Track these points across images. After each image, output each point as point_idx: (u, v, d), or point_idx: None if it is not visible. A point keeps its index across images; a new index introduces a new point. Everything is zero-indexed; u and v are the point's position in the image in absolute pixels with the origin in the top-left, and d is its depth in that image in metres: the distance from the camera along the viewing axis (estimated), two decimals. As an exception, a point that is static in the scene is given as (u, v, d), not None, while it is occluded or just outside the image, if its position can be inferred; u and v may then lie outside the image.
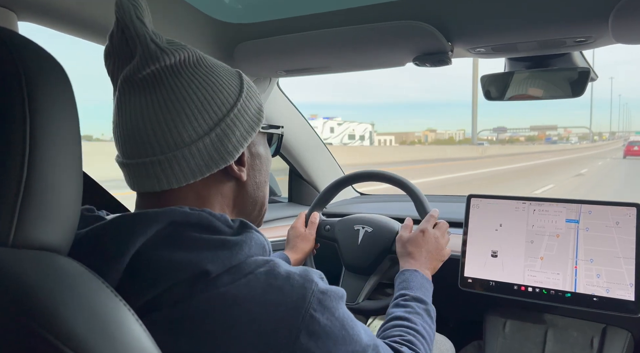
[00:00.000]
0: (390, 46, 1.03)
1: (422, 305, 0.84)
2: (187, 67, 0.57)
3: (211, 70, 0.59)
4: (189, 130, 0.56)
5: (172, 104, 0.56)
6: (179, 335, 0.48)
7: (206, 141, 0.57)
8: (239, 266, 0.53)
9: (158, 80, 0.56)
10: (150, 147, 0.56)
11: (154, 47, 0.55)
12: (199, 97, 0.57)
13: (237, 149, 0.60)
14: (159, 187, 0.57)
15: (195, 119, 0.56)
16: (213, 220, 0.55)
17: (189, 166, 0.57)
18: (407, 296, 0.85)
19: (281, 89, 1.48)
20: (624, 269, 1.01)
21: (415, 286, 0.89)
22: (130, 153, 0.57)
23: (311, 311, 0.52)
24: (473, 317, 1.35)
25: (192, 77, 0.57)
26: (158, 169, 0.56)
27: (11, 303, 0.37)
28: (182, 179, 0.57)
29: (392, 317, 0.80)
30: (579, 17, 0.85)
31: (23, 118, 0.41)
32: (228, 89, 0.60)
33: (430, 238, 1.02)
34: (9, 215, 0.40)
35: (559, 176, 14.65)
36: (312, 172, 1.71)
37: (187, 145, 0.56)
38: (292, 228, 1.24)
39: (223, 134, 0.58)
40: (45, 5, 0.81)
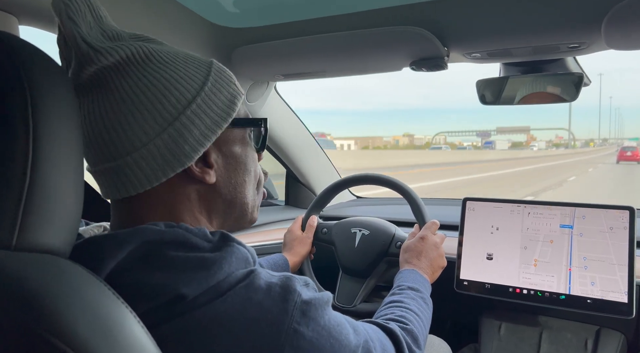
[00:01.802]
0: (387, 51, 1.04)
1: (418, 293, 0.83)
2: (133, 64, 0.52)
3: (164, 65, 0.54)
4: (139, 133, 0.52)
5: (119, 107, 0.51)
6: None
7: (158, 143, 0.52)
8: (218, 285, 0.49)
9: (102, 82, 0.52)
10: (102, 153, 0.53)
11: (85, 47, 0.51)
12: (147, 96, 0.52)
13: (196, 150, 0.54)
14: (119, 194, 0.54)
15: (145, 121, 0.52)
16: (190, 237, 0.52)
17: (142, 171, 0.53)
18: (402, 286, 0.85)
19: (279, 93, 1.49)
20: (618, 276, 1.02)
21: (411, 280, 0.89)
22: (90, 159, 0.55)
23: (294, 325, 0.50)
24: (469, 319, 1.35)
25: (140, 74, 0.52)
26: (114, 176, 0.53)
27: (15, 306, 0.37)
28: (139, 185, 0.53)
29: (386, 302, 0.80)
30: (572, 23, 0.86)
31: (26, 123, 0.42)
32: (185, 84, 0.54)
33: (430, 245, 1.02)
34: (12, 219, 0.41)
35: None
36: (309, 175, 1.71)
37: (137, 149, 0.52)
38: (289, 231, 1.25)
39: (177, 134, 0.53)
40: (46, 9, 0.81)
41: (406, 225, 1.36)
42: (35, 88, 0.43)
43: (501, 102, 1.13)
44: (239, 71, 1.22)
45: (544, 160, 33.17)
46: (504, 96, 1.12)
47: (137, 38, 0.56)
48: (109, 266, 0.48)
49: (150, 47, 0.54)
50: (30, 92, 0.42)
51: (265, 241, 1.42)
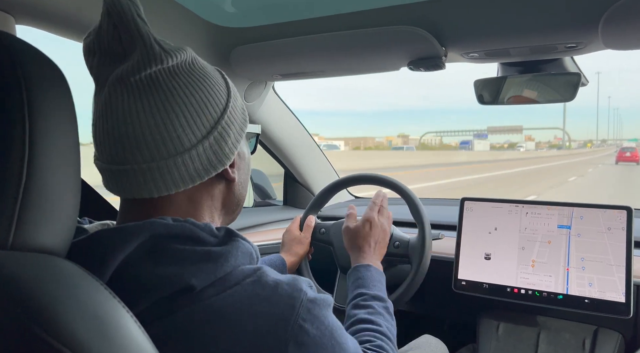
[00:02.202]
0: (385, 51, 1.05)
1: (382, 303, 0.82)
2: (183, 68, 0.55)
3: (204, 71, 0.57)
4: (189, 134, 0.54)
5: (171, 107, 0.53)
6: (168, 350, 0.47)
7: (205, 145, 0.55)
8: (225, 278, 0.51)
9: (155, 82, 0.53)
10: (147, 152, 0.53)
11: (158, 49, 0.53)
12: (196, 99, 0.54)
13: (233, 152, 0.58)
14: (156, 193, 0.54)
15: (195, 123, 0.54)
16: (196, 230, 0.53)
17: (187, 171, 0.54)
18: (365, 295, 0.83)
19: (277, 93, 1.49)
20: (616, 277, 1.02)
21: (371, 283, 0.87)
22: (120, 158, 0.53)
23: (300, 321, 0.51)
24: (467, 319, 1.36)
25: (189, 79, 0.55)
26: (156, 175, 0.53)
27: (11, 305, 0.37)
28: (181, 184, 0.55)
29: (355, 320, 0.78)
30: (570, 23, 0.87)
31: (22, 122, 0.42)
32: (220, 91, 0.58)
33: (377, 228, 1.01)
34: (8, 218, 0.41)
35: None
36: (307, 175, 1.71)
37: (187, 150, 0.54)
38: (287, 231, 1.24)
39: (220, 137, 0.56)
40: (43, 8, 0.81)
41: (404, 225, 1.36)
42: (32, 87, 0.43)
43: (499, 102, 1.13)
44: (237, 71, 1.22)
45: (530, 162, 29.52)
46: (502, 96, 1.12)
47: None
48: (118, 259, 0.49)
49: (193, 54, 0.58)
50: (27, 92, 0.42)
51: (263, 241, 1.42)
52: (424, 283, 1.12)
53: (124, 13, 0.51)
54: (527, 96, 1.10)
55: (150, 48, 0.52)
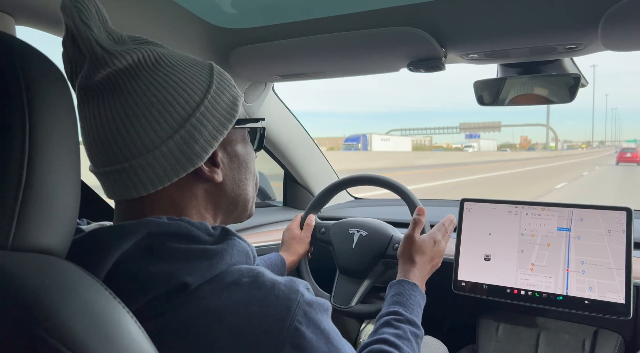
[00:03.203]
0: (385, 52, 1.05)
1: (414, 329, 0.79)
2: (144, 68, 0.54)
3: (173, 68, 0.55)
4: (151, 135, 0.53)
5: (131, 109, 0.53)
6: (161, 349, 0.46)
7: (170, 145, 0.54)
8: (220, 276, 0.51)
9: (114, 84, 0.53)
10: (113, 155, 0.53)
11: (100, 51, 0.51)
12: (159, 98, 0.53)
13: (206, 150, 0.56)
14: (129, 195, 0.55)
15: (157, 123, 0.53)
16: (192, 229, 0.53)
17: (154, 171, 0.54)
18: (401, 316, 0.80)
19: (277, 94, 1.49)
20: (617, 281, 1.01)
21: (411, 304, 0.83)
22: (97, 161, 0.55)
23: (296, 323, 0.50)
24: (467, 320, 1.36)
25: (151, 78, 0.54)
26: (125, 177, 0.54)
27: (11, 306, 0.37)
28: (150, 185, 0.55)
29: (381, 338, 0.75)
30: (569, 24, 0.87)
31: (22, 122, 0.42)
32: (193, 87, 0.56)
33: (439, 251, 0.96)
34: (8, 218, 0.41)
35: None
36: (306, 176, 1.71)
37: (150, 151, 0.53)
38: (288, 229, 1.24)
39: (188, 136, 0.55)
40: (43, 9, 0.81)
41: (404, 226, 1.36)
42: (32, 88, 0.43)
43: (499, 103, 1.14)
44: (237, 72, 1.22)
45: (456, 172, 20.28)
46: (502, 97, 1.12)
47: (139, 41, 0.57)
48: (113, 257, 0.49)
49: (158, 51, 0.56)
50: (27, 92, 0.42)
51: (263, 242, 1.42)
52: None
53: (69, 20, 0.52)
54: (526, 97, 1.10)
55: (92, 52, 0.52)
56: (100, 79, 0.53)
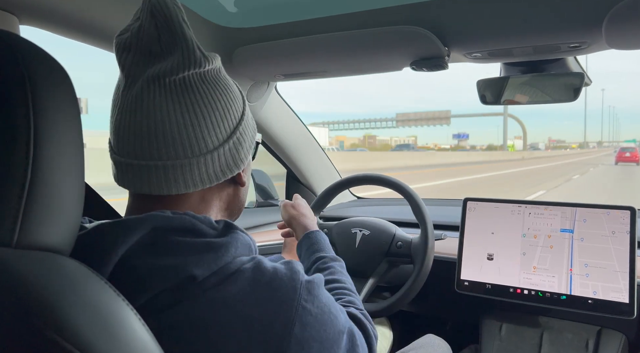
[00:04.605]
0: (388, 51, 1.05)
1: (339, 263, 0.85)
2: (213, 75, 0.58)
3: (227, 80, 0.61)
4: (213, 136, 0.56)
5: (200, 110, 0.55)
6: (172, 342, 0.47)
7: (225, 148, 0.58)
8: (226, 267, 0.52)
9: (189, 84, 0.56)
10: (173, 150, 0.54)
11: (199, 54, 0.56)
12: (222, 104, 0.57)
13: (247, 156, 0.62)
14: (175, 190, 0.56)
15: (219, 126, 0.57)
16: (196, 223, 0.54)
17: (207, 171, 0.57)
18: (325, 257, 0.85)
19: (279, 94, 1.49)
20: (622, 284, 1.01)
21: (324, 247, 0.90)
22: (145, 153, 0.55)
23: (302, 302, 0.53)
24: (470, 319, 1.35)
25: (216, 85, 0.58)
26: (178, 173, 0.55)
27: (16, 303, 0.38)
28: (199, 184, 0.57)
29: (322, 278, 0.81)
30: (573, 23, 0.86)
31: (27, 121, 0.42)
32: (238, 99, 0.61)
33: (298, 205, 1.02)
34: (13, 217, 0.41)
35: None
36: (309, 175, 1.71)
37: (210, 151, 0.56)
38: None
39: (238, 142, 0.60)
40: (47, 9, 0.81)
41: (407, 225, 1.36)
42: (36, 87, 0.43)
43: (502, 102, 1.13)
44: (240, 71, 1.22)
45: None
46: (505, 96, 1.12)
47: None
48: (119, 252, 0.50)
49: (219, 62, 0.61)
50: (32, 91, 0.42)
51: (265, 241, 1.43)
52: (427, 284, 1.12)
53: (170, 16, 0.54)
54: (529, 96, 1.10)
55: (192, 52, 0.55)
56: (183, 77, 0.55)
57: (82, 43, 0.94)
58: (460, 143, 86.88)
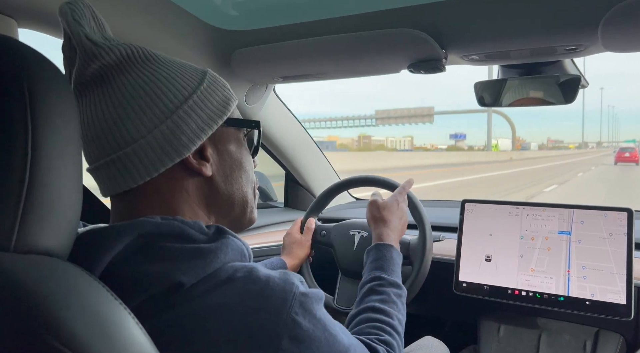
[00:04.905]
0: (386, 53, 1.05)
1: (397, 290, 0.82)
2: (133, 63, 0.56)
3: (163, 65, 0.57)
4: (138, 125, 0.54)
5: (118, 101, 0.54)
6: (159, 348, 0.46)
7: (156, 134, 0.55)
8: (214, 274, 0.51)
9: (103, 78, 0.55)
10: (102, 147, 0.55)
11: (89, 44, 0.54)
12: (146, 91, 0.55)
13: (193, 141, 0.57)
14: (120, 187, 0.56)
15: (144, 114, 0.55)
16: (185, 228, 0.53)
17: (141, 161, 0.55)
18: (383, 280, 0.82)
19: (278, 95, 1.49)
20: (620, 287, 1.01)
21: (390, 267, 0.86)
22: (91, 156, 0.57)
23: (293, 315, 0.51)
24: (468, 320, 1.36)
25: (140, 72, 0.56)
26: (114, 169, 0.55)
27: (14, 307, 0.38)
28: (138, 176, 0.55)
29: (368, 306, 0.77)
30: (569, 25, 0.87)
31: (25, 125, 0.42)
32: (183, 82, 0.57)
33: (403, 210, 1.03)
34: (11, 221, 0.41)
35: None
36: (308, 177, 1.71)
37: (136, 141, 0.54)
38: (288, 234, 1.25)
39: (175, 126, 0.55)
40: (45, 12, 0.81)
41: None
42: (34, 90, 0.43)
43: (499, 104, 1.14)
44: (238, 73, 1.22)
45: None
46: (503, 98, 1.13)
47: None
48: (106, 259, 0.49)
49: (150, 50, 0.58)
50: (30, 94, 0.42)
51: (264, 243, 1.43)
52: (425, 285, 1.12)
53: (61, 17, 0.54)
54: (527, 98, 1.10)
55: (81, 46, 0.54)
56: (91, 74, 0.54)
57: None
58: (457, 144, 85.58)
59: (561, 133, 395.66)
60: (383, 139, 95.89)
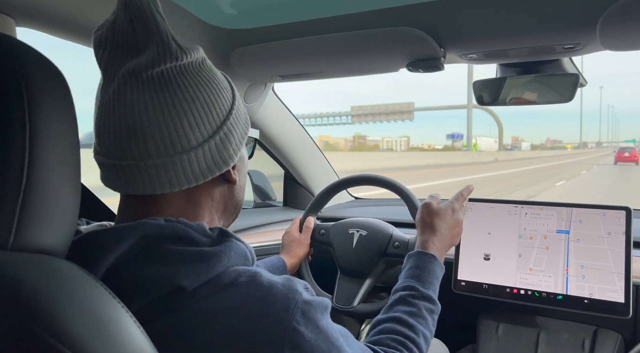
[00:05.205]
0: (384, 52, 1.05)
1: (429, 305, 0.78)
2: (194, 67, 0.55)
3: (212, 72, 0.57)
4: (196, 132, 0.53)
5: (180, 105, 0.53)
6: (160, 351, 0.46)
7: (211, 145, 0.55)
8: (218, 277, 0.50)
9: (167, 78, 0.53)
10: (154, 148, 0.52)
11: (175, 46, 0.53)
12: (205, 98, 0.54)
13: (237, 153, 0.59)
14: (159, 190, 0.53)
15: (202, 121, 0.54)
16: (189, 231, 0.52)
17: (192, 169, 0.54)
18: (416, 292, 0.78)
19: (276, 94, 1.49)
20: (618, 286, 1.01)
21: (428, 279, 0.81)
22: (125, 153, 0.52)
23: (294, 324, 0.50)
24: (467, 319, 1.36)
25: (199, 78, 0.55)
26: (161, 172, 0.53)
27: (12, 305, 0.38)
28: (184, 182, 0.54)
29: (394, 316, 0.74)
30: (568, 24, 0.87)
31: (23, 124, 0.42)
32: (226, 93, 0.58)
33: (458, 220, 0.95)
34: (9, 219, 0.41)
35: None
36: (307, 176, 1.71)
37: (193, 148, 0.53)
38: (287, 233, 1.25)
39: (225, 138, 0.56)
40: (43, 11, 0.81)
41: (404, 226, 1.36)
42: (32, 89, 0.43)
43: (498, 103, 1.14)
44: (237, 72, 1.22)
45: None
46: (501, 97, 1.13)
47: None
48: (109, 260, 0.49)
49: (204, 54, 0.58)
50: (28, 93, 0.42)
51: (263, 242, 1.43)
52: (424, 284, 1.12)
53: (142, 8, 0.51)
54: (526, 97, 1.10)
55: (167, 45, 0.52)
56: (160, 71, 0.52)
57: (79, 45, 0.94)
58: (454, 144, 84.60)
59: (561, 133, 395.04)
60: (379, 139, 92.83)
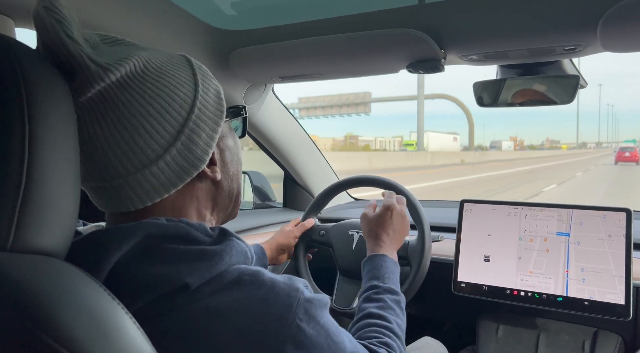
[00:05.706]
0: (384, 53, 1.05)
1: (393, 296, 0.81)
2: (134, 77, 0.51)
3: (160, 72, 0.53)
4: (152, 145, 0.51)
5: (128, 121, 0.50)
6: (164, 350, 0.46)
7: (172, 153, 0.53)
8: (220, 275, 0.51)
9: (106, 98, 0.50)
10: (114, 169, 0.51)
11: (95, 68, 0.48)
12: (154, 107, 0.51)
13: (207, 152, 0.56)
14: (132, 207, 0.54)
15: (157, 132, 0.51)
16: (190, 230, 0.53)
17: (159, 181, 0.53)
18: (378, 288, 0.82)
19: (276, 95, 1.49)
20: (619, 290, 1.01)
21: (385, 274, 0.86)
22: (91, 176, 0.53)
23: (297, 321, 0.51)
24: (467, 321, 1.36)
25: (143, 86, 0.51)
26: (128, 191, 0.53)
27: (11, 307, 0.37)
28: (155, 195, 0.54)
29: (365, 314, 0.77)
30: (568, 25, 0.87)
31: (22, 124, 0.42)
32: (183, 89, 0.54)
33: (397, 216, 0.99)
34: (8, 220, 0.41)
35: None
36: (306, 177, 1.71)
37: (152, 162, 0.52)
38: (281, 228, 1.26)
39: (189, 141, 0.54)
40: None
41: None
42: (31, 90, 0.43)
43: (498, 104, 1.14)
44: (237, 73, 1.22)
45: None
46: (501, 98, 1.13)
47: (112, 42, 0.54)
48: (112, 260, 0.49)
49: (143, 56, 0.53)
50: (27, 94, 0.42)
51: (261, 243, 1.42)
52: (424, 285, 1.12)
53: (50, 36, 0.47)
54: (526, 98, 1.10)
55: (86, 69, 0.48)
56: (93, 95, 0.50)
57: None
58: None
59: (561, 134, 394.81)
60: (372, 139, 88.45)
